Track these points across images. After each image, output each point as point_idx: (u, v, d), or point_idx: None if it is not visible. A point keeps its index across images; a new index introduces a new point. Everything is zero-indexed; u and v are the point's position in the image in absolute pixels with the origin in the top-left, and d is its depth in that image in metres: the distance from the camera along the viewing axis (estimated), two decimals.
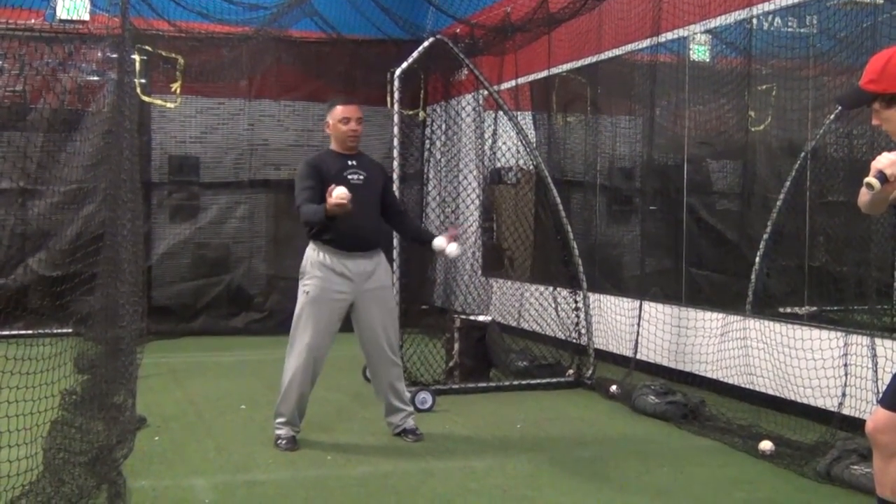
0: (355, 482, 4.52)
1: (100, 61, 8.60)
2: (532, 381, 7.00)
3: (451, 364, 7.02)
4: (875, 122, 3.05)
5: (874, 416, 3.05)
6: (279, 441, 5.15)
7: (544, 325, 7.83)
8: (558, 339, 7.60)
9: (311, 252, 5.13)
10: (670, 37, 7.17)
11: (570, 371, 7.18)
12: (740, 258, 6.81)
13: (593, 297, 7.57)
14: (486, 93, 7.58)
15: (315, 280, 5.07)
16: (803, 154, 6.17)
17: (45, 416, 3.99)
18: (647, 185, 7.87)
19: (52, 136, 8.92)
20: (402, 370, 5.49)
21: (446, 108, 8.75)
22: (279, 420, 5.19)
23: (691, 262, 7.31)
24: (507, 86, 9.51)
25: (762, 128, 6.85)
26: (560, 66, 8.95)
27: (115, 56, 6.62)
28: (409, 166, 8.95)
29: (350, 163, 5.19)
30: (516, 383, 6.97)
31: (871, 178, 2.81)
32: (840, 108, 5.37)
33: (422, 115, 10.18)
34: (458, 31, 8.60)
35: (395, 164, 6.43)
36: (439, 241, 5.20)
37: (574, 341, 7.36)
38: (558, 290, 7.64)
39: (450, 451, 5.18)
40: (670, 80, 7.46)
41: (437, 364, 7.02)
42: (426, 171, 8.83)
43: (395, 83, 6.58)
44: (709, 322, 6.68)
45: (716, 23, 6.81)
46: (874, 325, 5.40)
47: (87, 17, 8.53)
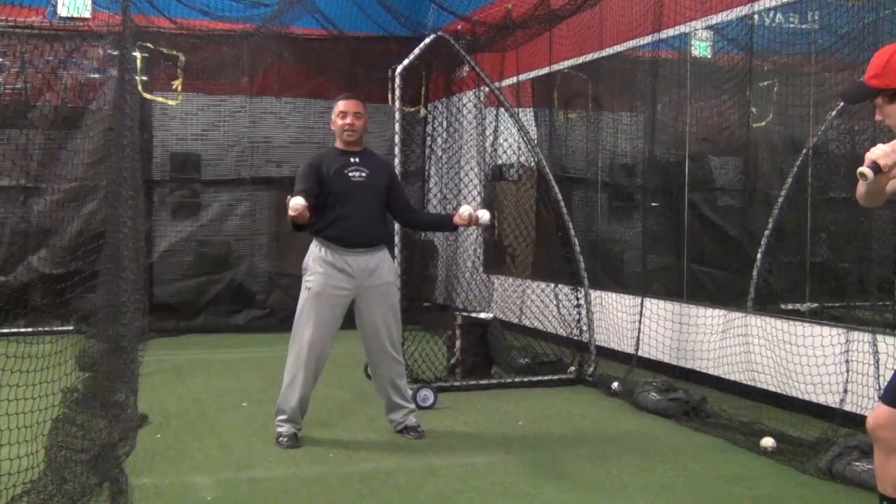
0: (357, 479, 4.52)
1: (101, 58, 8.60)
2: (534, 378, 7.00)
3: (452, 361, 7.02)
4: (878, 117, 3.05)
5: (875, 412, 3.06)
6: (280, 438, 5.13)
7: (546, 322, 7.82)
8: (560, 335, 7.60)
9: (314, 248, 5.14)
10: (672, 33, 7.17)
11: (572, 368, 7.18)
12: (742, 255, 6.81)
13: (595, 294, 7.56)
14: (487, 89, 7.58)
15: (317, 276, 5.07)
16: (805, 150, 6.16)
17: (46, 414, 3.99)
18: (649, 182, 7.87)
19: (54, 134, 8.93)
20: (403, 367, 5.48)
21: (448, 105, 8.75)
22: (280, 417, 5.18)
23: (693, 259, 7.31)
24: (508, 82, 9.50)
25: (764, 124, 6.84)
26: (561, 62, 8.95)
27: (116, 53, 6.63)
28: (411, 163, 8.95)
29: (353, 160, 5.18)
30: (518, 380, 6.97)
31: (864, 168, 2.79)
32: (843, 103, 5.36)
33: (423, 111, 10.18)
34: (460, 27, 8.59)
35: (397, 161, 6.42)
36: (465, 210, 5.11)
37: (576, 338, 7.36)
38: (560, 286, 7.64)
39: (451, 448, 5.18)
40: (672, 76, 7.45)
41: (438, 361, 7.02)
42: (427, 168, 8.82)
43: (397, 80, 6.57)
44: (710, 319, 6.67)
45: (717, 19, 6.80)
46: (876, 321, 5.39)
47: (88, 15, 8.54)
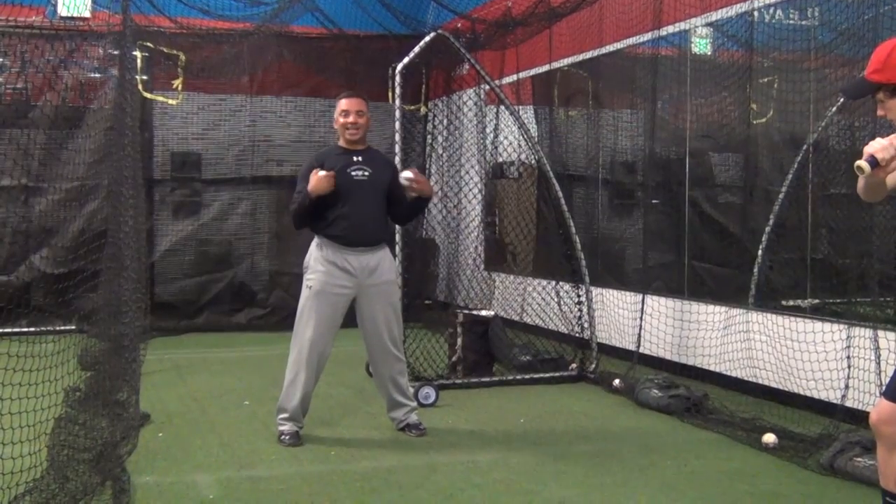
0: (359, 477, 4.52)
1: (101, 58, 8.61)
2: (535, 376, 7.00)
3: (454, 359, 7.03)
4: (879, 112, 3.04)
5: (878, 407, 3.05)
6: (282, 437, 5.12)
7: (547, 319, 7.83)
8: (561, 333, 7.60)
9: (315, 247, 5.14)
10: (672, 30, 7.16)
11: (573, 365, 7.18)
12: (743, 251, 6.81)
13: (596, 291, 7.57)
14: (487, 87, 7.57)
15: (318, 275, 5.07)
16: (805, 146, 6.16)
17: (48, 413, 4.00)
18: (650, 179, 7.87)
19: (55, 133, 8.93)
20: (405, 365, 5.47)
21: (448, 103, 8.75)
22: (282, 416, 5.17)
23: (694, 256, 7.30)
24: (508, 80, 9.50)
25: (764, 121, 6.84)
26: (561, 60, 8.94)
27: (116, 53, 6.64)
28: (411, 161, 8.92)
29: (355, 158, 5.17)
30: (519, 378, 6.97)
31: (861, 162, 2.78)
32: (844, 98, 5.35)
33: (423, 110, 10.18)
34: (460, 25, 8.60)
35: (397, 159, 6.42)
36: (405, 172, 5.25)
37: (577, 335, 7.36)
38: (561, 284, 7.64)
39: (453, 445, 5.19)
40: (672, 73, 7.45)
41: (440, 359, 7.03)
42: (428, 166, 8.81)
43: (397, 78, 6.57)
44: (712, 315, 6.67)
45: (717, 16, 6.80)
46: (877, 317, 5.40)
47: (88, 14, 8.53)
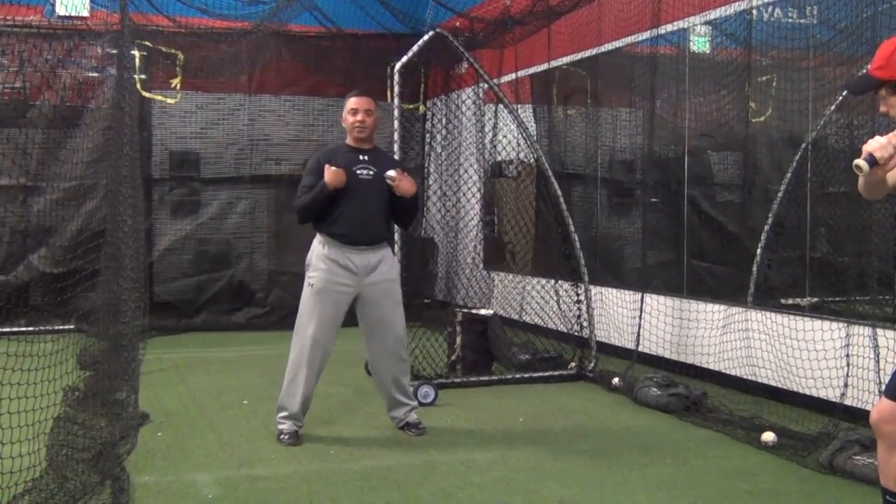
0: (358, 476, 4.52)
1: (99, 57, 8.59)
2: (534, 375, 7.00)
3: (453, 358, 7.02)
4: (881, 108, 3.04)
5: (878, 406, 3.04)
6: (282, 436, 5.11)
7: (546, 318, 7.82)
8: (560, 332, 7.60)
9: (317, 245, 5.13)
10: (670, 28, 7.16)
11: (572, 364, 7.18)
12: (742, 250, 6.81)
13: (595, 290, 7.57)
14: (486, 86, 7.57)
15: (319, 272, 5.07)
16: (804, 145, 6.16)
17: (47, 413, 3.99)
18: (648, 178, 7.87)
19: (53, 133, 8.92)
20: (408, 366, 5.46)
21: (446, 102, 8.76)
22: (282, 415, 5.15)
23: (693, 254, 7.30)
24: (507, 79, 9.49)
25: (763, 119, 6.84)
26: (560, 58, 8.94)
27: (114, 52, 6.62)
28: (410, 160, 8.96)
29: (361, 157, 5.16)
30: (518, 377, 6.97)
31: (859, 161, 2.78)
32: (847, 93, 5.34)
33: (422, 108, 10.19)
34: (458, 24, 8.60)
35: (396, 158, 6.42)
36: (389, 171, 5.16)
37: (576, 334, 7.36)
38: (560, 282, 7.64)
39: (452, 444, 5.18)
40: (670, 71, 7.45)
41: (439, 358, 7.02)
42: (427, 164, 8.83)
43: (396, 77, 6.58)
44: (711, 314, 6.67)
45: (716, 14, 6.80)
46: (876, 315, 5.40)
47: (86, 13, 8.53)
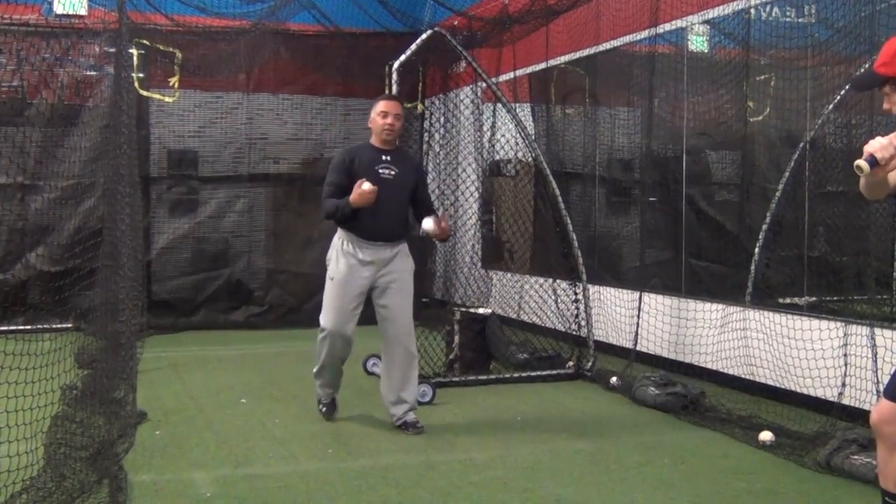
0: (356, 475, 4.52)
1: (97, 56, 8.57)
2: (532, 374, 7.01)
3: (451, 357, 7.03)
4: (885, 105, 3.03)
5: (878, 407, 3.02)
6: (320, 406, 5.66)
7: (544, 317, 7.83)
8: (558, 331, 7.60)
9: (337, 240, 5.40)
10: (668, 28, 7.16)
11: (571, 363, 7.18)
12: (740, 249, 6.81)
13: (593, 289, 7.57)
14: (484, 85, 7.57)
15: (339, 266, 5.33)
16: (802, 144, 6.16)
17: (45, 411, 3.99)
18: (646, 177, 7.87)
19: (51, 131, 8.90)
20: (416, 361, 5.47)
21: (445, 101, 8.75)
22: (318, 382, 5.62)
23: (691, 253, 7.31)
24: (505, 78, 9.49)
25: (761, 118, 6.84)
26: (558, 57, 8.94)
27: (112, 50, 6.61)
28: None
29: (384, 157, 5.39)
30: (516, 375, 6.97)
31: (860, 161, 2.78)
32: (851, 89, 5.33)
33: (420, 107, 10.17)
34: (456, 23, 8.59)
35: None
36: (426, 222, 5.41)
37: (574, 333, 7.36)
38: (558, 282, 7.64)
39: (450, 443, 5.19)
40: (669, 71, 7.45)
41: (437, 357, 7.02)
42: (425, 163, 8.81)
43: (394, 76, 6.57)
44: (709, 313, 6.68)
45: (714, 13, 6.80)
46: (874, 315, 5.40)
47: (84, 12, 8.50)
